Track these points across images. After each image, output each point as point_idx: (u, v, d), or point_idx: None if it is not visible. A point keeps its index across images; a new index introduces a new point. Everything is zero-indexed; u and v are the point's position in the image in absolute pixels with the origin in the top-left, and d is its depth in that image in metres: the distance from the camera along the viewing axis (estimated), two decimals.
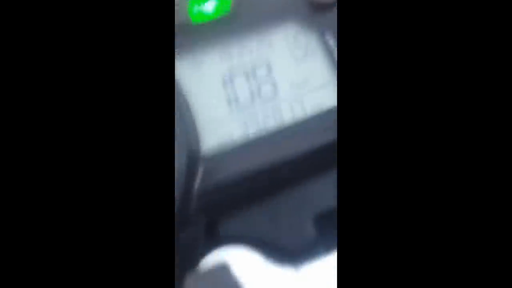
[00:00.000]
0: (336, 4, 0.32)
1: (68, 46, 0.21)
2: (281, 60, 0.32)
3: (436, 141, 0.20)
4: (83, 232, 0.20)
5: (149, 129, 0.21)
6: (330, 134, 0.29)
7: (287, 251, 0.27)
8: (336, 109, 0.29)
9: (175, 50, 0.29)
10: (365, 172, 0.20)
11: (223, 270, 0.26)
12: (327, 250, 0.27)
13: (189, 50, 0.31)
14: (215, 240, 0.28)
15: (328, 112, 0.30)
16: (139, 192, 0.20)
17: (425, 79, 0.21)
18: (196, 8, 0.33)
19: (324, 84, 0.32)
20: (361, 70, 0.21)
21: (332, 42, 0.32)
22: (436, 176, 0.20)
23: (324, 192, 0.28)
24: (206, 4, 0.33)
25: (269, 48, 0.33)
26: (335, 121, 0.23)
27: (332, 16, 0.33)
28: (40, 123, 0.20)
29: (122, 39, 0.21)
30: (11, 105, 0.20)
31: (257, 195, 0.28)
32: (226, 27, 0.32)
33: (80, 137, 0.20)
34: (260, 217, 0.28)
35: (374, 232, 0.20)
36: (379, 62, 0.21)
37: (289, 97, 0.31)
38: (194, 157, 0.28)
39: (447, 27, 0.21)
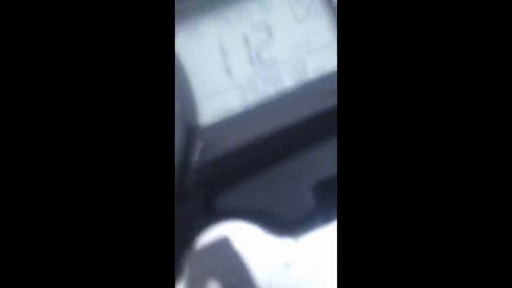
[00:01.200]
0: None
1: (63, 20, 0.20)
2: (282, 21, 0.31)
3: (436, 112, 0.19)
4: (83, 209, 0.20)
5: (149, 104, 0.20)
6: (331, 100, 0.28)
7: (286, 221, 0.27)
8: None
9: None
10: (366, 140, 0.19)
11: (223, 244, 0.26)
12: (326, 220, 0.26)
13: (185, 18, 0.30)
14: (213, 213, 0.28)
15: (330, 75, 0.29)
16: (139, 169, 0.20)
17: (428, 45, 0.20)
18: None
19: (326, 45, 0.30)
20: (362, 33, 0.20)
21: (335, 0, 0.31)
22: (436, 142, 0.19)
23: (324, 160, 0.28)
24: None
25: (270, 9, 0.31)
26: (335, 85, 0.22)
27: None
28: (38, 108, 0.20)
29: (119, 14, 0.21)
30: (9, 104, 0.20)
31: (256, 165, 0.28)
32: None
33: (81, 114, 0.20)
34: (258, 188, 0.28)
35: (374, 201, 0.19)
36: (381, 26, 0.20)
37: (290, 60, 0.30)
38: (192, 130, 0.28)
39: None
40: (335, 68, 0.29)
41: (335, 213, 0.24)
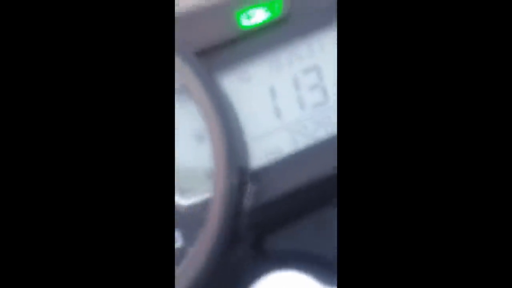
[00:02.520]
0: None
1: (75, 57, 0.21)
2: (332, 64, 0.31)
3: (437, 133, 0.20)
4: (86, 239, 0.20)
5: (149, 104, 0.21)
6: None
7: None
8: None
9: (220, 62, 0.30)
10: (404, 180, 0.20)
11: None
12: None
13: (236, 61, 0.31)
14: (264, 256, 0.28)
15: None
16: (140, 172, 0.20)
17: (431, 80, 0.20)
18: (244, 15, 0.32)
19: None
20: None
21: None
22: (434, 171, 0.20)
23: None
24: (254, 10, 0.32)
25: (320, 52, 0.32)
26: None
27: None
28: (46, 120, 0.20)
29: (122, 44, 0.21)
30: (9, 104, 0.20)
31: (307, 208, 0.28)
32: (274, 34, 0.31)
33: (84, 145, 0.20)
34: (309, 231, 0.28)
35: (422, 245, 0.20)
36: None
37: None
38: (244, 174, 0.28)
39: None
40: None
41: None
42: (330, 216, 0.28)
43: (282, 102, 0.31)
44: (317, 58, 0.31)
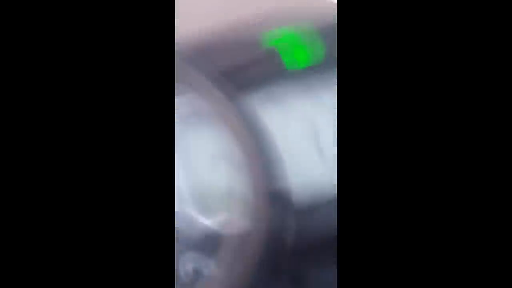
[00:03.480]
0: None
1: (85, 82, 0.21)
2: None
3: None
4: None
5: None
6: None
7: None
8: None
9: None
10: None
11: None
12: None
13: (281, 99, 0.32)
14: None
15: None
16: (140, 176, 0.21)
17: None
18: (289, 56, 0.33)
19: None
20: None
21: None
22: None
23: None
24: (298, 52, 0.33)
25: None
26: None
27: None
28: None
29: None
30: (11, 105, 0.21)
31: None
32: (318, 74, 0.33)
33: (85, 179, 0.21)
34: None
35: None
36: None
37: None
38: (287, 210, 0.29)
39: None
40: None
41: None
42: None
43: (323, 140, 0.32)
44: None
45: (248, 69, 0.32)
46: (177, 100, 0.25)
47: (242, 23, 0.32)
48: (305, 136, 0.32)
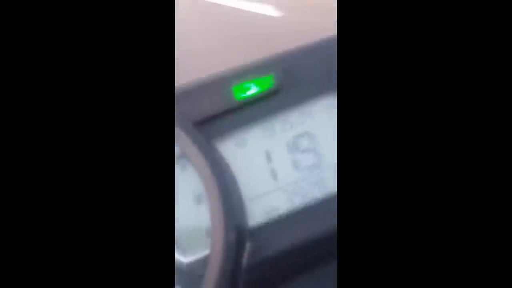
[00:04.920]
0: None
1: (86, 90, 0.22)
2: (323, 129, 0.33)
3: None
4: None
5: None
6: None
7: None
8: None
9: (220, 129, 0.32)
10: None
11: None
12: None
13: (233, 128, 0.33)
14: None
15: None
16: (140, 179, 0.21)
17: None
18: (239, 89, 0.34)
19: None
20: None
21: None
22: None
23: None
24: (249, 84, 0.34)
25: (311, 119, 0.34)
26: None
27: None
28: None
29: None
30: (11, 105, 0.21)
31: (305, 266, 0.29)
32: (268, 103, 0.34)
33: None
34: None
35: None
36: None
37: (332, 165, 0.32)
38: (242, 232, 0.29)
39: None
40: None
41: None
42: (327, 274, 0.29)
43: (277, 165, 0.33)
44: (308, 124, 0.33)
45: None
46: None
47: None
48: (259, 161, 0.33)
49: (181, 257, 0.28)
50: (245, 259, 0.29)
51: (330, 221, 0.30)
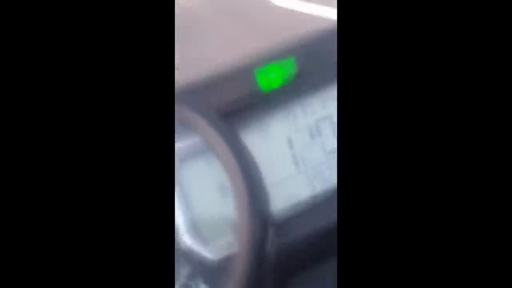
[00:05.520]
0: None
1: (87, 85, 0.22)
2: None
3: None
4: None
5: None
6: None
7: None
8: None
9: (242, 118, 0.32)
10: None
11: None
12: None
13: (256, 116, 0.33)
14: None
15: None
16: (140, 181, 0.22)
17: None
18: (263, 78, 0.34)
19: None
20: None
21: None
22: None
23: None
24: (270, 69, 0.34)
25: (332, 103, 0.33)
26: None
27: None
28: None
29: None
30: (12, 105, 0.21)
31: (327, 253, 0.29)
32: (288, 88, 0.33)
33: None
34: (330, 274, 0.29)
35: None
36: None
37: None
38: (265, 220, 0.29)
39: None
40: None
41: None
42: None
43: (299, 150, 0.32)
44: (330, 109, 0.33)
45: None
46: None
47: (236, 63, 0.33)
48: (282, 149, 0.33)
49: (208, 254, 0.29)
50: (269, 246, 0.29)
51: None
